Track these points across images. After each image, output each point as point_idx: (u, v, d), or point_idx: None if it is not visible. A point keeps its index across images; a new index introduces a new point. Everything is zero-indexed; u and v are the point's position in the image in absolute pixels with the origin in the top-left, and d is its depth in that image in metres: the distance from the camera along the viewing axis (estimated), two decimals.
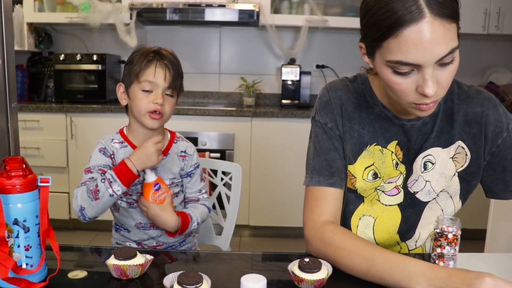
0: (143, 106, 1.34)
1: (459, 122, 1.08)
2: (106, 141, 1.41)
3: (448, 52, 0.85)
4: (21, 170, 0.87)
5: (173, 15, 3.39)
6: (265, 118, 3.22)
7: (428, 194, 1.10)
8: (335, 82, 1.16)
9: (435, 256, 0.88)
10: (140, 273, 0.93)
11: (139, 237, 1.43)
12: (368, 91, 1.12)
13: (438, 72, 0.88)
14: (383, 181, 1.11)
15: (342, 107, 1.11)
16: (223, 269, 1.03)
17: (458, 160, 1.09)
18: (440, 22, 0.83)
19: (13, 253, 0.87)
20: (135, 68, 1.34)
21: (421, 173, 1.09)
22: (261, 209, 3.27)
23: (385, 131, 1.10)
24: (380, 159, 1.10)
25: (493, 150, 1.08)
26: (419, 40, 0.83)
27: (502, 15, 3.42)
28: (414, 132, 1.09)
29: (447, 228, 0.87)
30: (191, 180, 1.48)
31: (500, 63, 3.84)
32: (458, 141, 1.09)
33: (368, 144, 1.10)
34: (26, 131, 3.19)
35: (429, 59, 0.85)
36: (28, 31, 3.50)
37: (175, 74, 1.37)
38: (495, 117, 1.07)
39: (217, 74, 3.88)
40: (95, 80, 3.42)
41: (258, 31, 3.78)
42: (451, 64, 0.89)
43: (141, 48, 1.40)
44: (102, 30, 3.55)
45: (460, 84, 1.12)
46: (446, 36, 0.84)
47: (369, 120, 1.10)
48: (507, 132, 1.07)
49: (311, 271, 0.89)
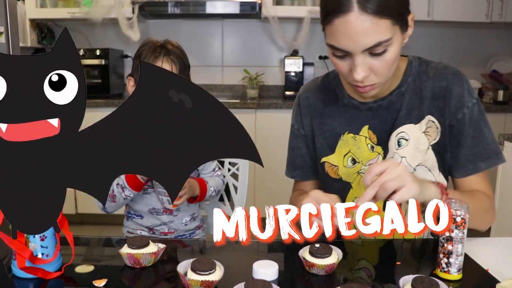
0: None
1: (427, 98, 1.13)
2: None
3: (374, 44, 0.94)
4: None
5: (174, 9, 3.39)
6: (268, 110, 3.22)
7: None
8: (307, 83, 1.30)
9: (444, 240, 0.89)
10: (153, 261, 0.95)
11: (151, 223, 1.48)
12: (338, 85, 1.22)
13: (370, 60, 0.98)
14: (363, 164, 1.18)
15: (310, 107, 1.24)
16: (235, 256, 1.04)
17: (430, 134, 1.13)
18: (366, 16, 0.92)
19: (29, 243, 0.89)
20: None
21: (395, 150, 1.14)
22: (266, 200, 3.26)
23: (355, 118, 1.18)
24: (355, 145, 1.18)
25: (452, 124, 1.12)
26: (345, 30, 0.94)
27: (506, 2, 3.41)
28: (383, 112, 1.16)
29: (455, 211, 0.87)
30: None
31: (504, 51, 3.84)
32: (428, 115, 1.13)
33: (341, 134, 1.20)
34: None
35: (355, 48, 0.95)
36: (30, 27, 3.50)
37: (181, 67, 1.42)
38: (458, 92, 1.11)
39: (220, 67, 3.89)
40: (98, 75, 3.43)
41: (260, 23, 3.77)
42: (385, 54, 0.97)
43: (148, 42, 1.45)
44: (105, 24, 3.55)
45: (429, 63, 1.17)
46: (372, 30, 0.93)
47: (339, 112, 1.20)
48: (467, 108, 1.10)
49: (321, 256, 0.90)
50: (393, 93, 1.15)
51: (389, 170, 0.90)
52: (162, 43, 1.44)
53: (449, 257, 0.89)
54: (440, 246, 0.90)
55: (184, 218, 1.51)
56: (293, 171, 1.32)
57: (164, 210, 1.48)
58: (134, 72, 1.44)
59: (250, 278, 0.87)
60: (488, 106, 3.30)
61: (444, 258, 0.89)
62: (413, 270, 0.94)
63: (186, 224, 1.52)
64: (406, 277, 0.84)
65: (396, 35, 0.97)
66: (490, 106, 3.32)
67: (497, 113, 3.28)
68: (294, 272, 0.93)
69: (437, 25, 3.68)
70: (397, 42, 0.98)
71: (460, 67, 1.10)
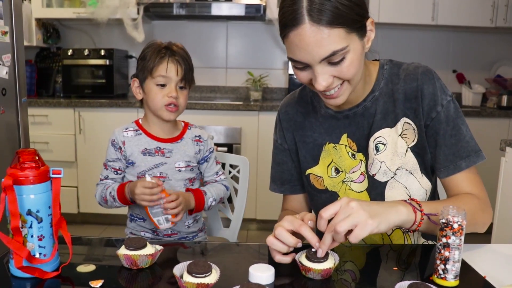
0: (159, 100, 1.42)
1: (400, 100, 1.12)
2: (118, 132, 1.49)
3: (329, 54, 0.94)
4: (34, 161, 0.89)
5: (180, 10, 3.40)
6: (272, 112, 3.22)
7: (385, 174, 1.13)
8: (286, 98, 1.31)
9: (441, 246, 0.89)
10: (150, 263, 0.95)
11: (153, 226, 1.47)
12: (314, 97, 1.22)
13: (330, 68, 0.98)
14: (346, 173, 1.18)
15: (290, 121, 1.26)
16: (232, 259, 1.04)
17: (407, 136, 1.12)
18: (318, 28, 0.92)
19: (27, 243, 0.89)
20: (148, 64, 1.42)
21: (374, 155, 1.13)
22: (268, 203, 3.29)
23: (333, 128, 1.19)
24: (337, 154, 1.18)
25: (428, 123, 1.11)
26: (299, 42, 0.95)
27: (511, 7, 3.40)
28: (359, 119, 1.16)
29: (452, 218, 0.87)
30: (208, 164, 1.55)
31: (508, 56, 3.82)
32: (403, 117, 1.12)
33: (322, 145, 1.20)
34: (35, 126, 3.22)
35: (311, 60, 0.96)
36: (36, 27, 3.53)
37: (186, 68, 1.44)
38: (430, 91, 1.09)
39: (224, 69, 3.89)
40: (103, 75, 3.45)
41: (264, 25, 3.78)
42: (343, 62, 0.97)
43: (153, 44, 1.47)
44: (110, 25, 3.57)
45: (400, 65, 1.16)
46: (326, 40, 0.93)
47: (318, 123, 1.21)
48: (441, 107, 1.09)
49: (318, 261, 0.90)
50: (367, 99, 1.15)
51: (340, 211, 0.89)
52: (166, 45, 1.46)
53: (446, 263, 0.89)
54: (437, 253, 0.90)
55: (187, 221, 1.52)
56: (282, 186, 1.31)
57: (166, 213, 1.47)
58: (139, 73, 1.46)
59: (246, 281, 0.87)
60: (492, 111, 3.29)
61: (441, 264, 0.89)
62: (410, 276, 0.94)
63: (189, 227, 1.53)
64: (402, 283, 0.84)
65: (353, 43, 0.97)
66: (494, 111, 3.30)
67: (501, 118, 3.27)
68: (291, 276, 0.93)
69: (441, 29, 3.67)
70: (355, 49, 0.98)
71: (464, 71, 1.10)
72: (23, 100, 2.17)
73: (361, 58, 1.02)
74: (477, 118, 3.22)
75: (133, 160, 1.46)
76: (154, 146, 1.47)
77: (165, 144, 1.48)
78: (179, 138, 1.51)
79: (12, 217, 0.86)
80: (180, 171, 1.48)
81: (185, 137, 1.52)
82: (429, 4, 3.37)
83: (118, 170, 1.48)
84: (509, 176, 2.07)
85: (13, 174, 0.87)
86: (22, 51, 2.15)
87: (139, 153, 1.46)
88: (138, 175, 1.46)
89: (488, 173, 1.21)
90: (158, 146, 1.47)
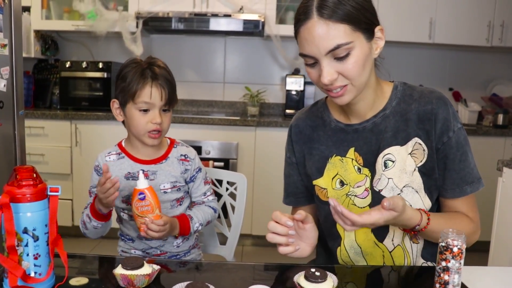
0: (142, 127, 1.35)
1: (413, 120, 1.15)
2: (101, 157, 1.44)
3: (334, 47, 1.01)
4: (31, 179, 0.89)
5: (178, 24, 3.42)
6: (269, 127, 3.23)
7: (392, 190, 1.15)
8: (298, 112, 1.36)
9: (440, 270, 0.89)
10: (147, 283, 0.94)
11: (142, 247, 1.45)
12: (325, 111, 1.28)
13: (336, 64, 1.04)
14: (351, 186, 1.20)
15: (300, 134, 1.30)
16: (229, 279, 1.03)
17: (416, 156, 1.15)
18: (324, 22, 1.01)
19: (22, 262, 0.88)
20: (129, 88, 1.33)
21: (382, 171, 1.15)
22: (264, 218, 3.26)
23: (341, 141, 1.22)
24: (342, 167, 1.21)
25: (438, 147, 1.14)
26: (308, 35, 1.03)
27: (506, 27, 3.44)
28: (367, 134, 1.19)
29: (452, 241, 0.87)
30: (195, 184, 1.48)
31: (504, 75, 3.85)
32: (415, 137, 1.15)
33: (329, 157, 1.23)
34: (31, 138, 3.21)
35: (318, 52, 1.03)
36: (35, 38, 3.53)
37: (170, 90, 1.36)
38: (444, 115, 1.13)
39: (221, 83, 3.90)
40: (100, 87, 3.44)
41: (263, 41, 3.80)
42: (349, 58, 1.03)
43: (132, 63, 1.37)
44: (108, 38, 3.58)
45: (414, 87, 1.20)
46: (331, 34, 1.01)
47: (327, 136, 1.24)
48: (453, 132, 1.13)
49: (316, 281, 0.89)
50: (378, 115, 1.18)
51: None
52: (147, 65, 1.36)
53: (446, 287, 0.88)
54: (437, 276, 0.90)
55: (175, 241, 1.46)
56: (287, 198, 1.37)
57: None
58: (119, 95, 1.37)
59: None
60: (487, 130, 3.30)
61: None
62: None
63: (179, 246, 1.47)
64: None
65: (359, 41, 1.04)
66: (490, 129, 3.32)
67: (497, 136, 3.28)
68: None
69: (438, 48, 3.70)
70: (361, 47, 1.04)
71: (461, 90, 1.13)
72: (20, 113, 2.16)
73: (367, 60, 1.07)
74: (473, 136, 3.23)
75: None
76: (138, 169, 1.39)
77: (149, 166, 1.41)
78: (163, 158, 1.43)
79: (8, 235, 0.85)
80: (166, 193, 1.41)
81: (170, 157, 1.44)
82: (426, 23, 3.40)
83: None
84: (506, 196, 2.07)
85: (10, 191, 0.87)
86: (20, 64, 2.14)
87: (122, 177, 1.39)
88: (122, 199, 1.40)
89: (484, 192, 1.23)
90: (142, 169, 1.38)
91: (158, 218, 1.28)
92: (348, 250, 1.22)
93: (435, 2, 3.40)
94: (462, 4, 3.41)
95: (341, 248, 1.23)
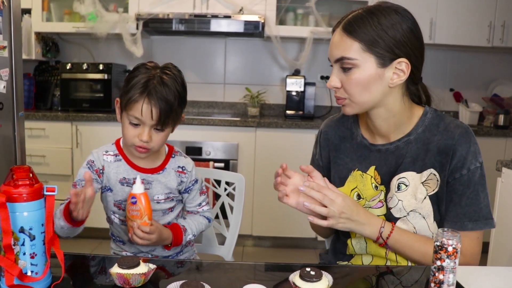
0: (129, 138, 1.29)
1: (432, 151, 1.17)
2: (98, 154, 1.39)
3: (339, 58, 1.11)
4: (28, 179, 0.89)
5: (179, 26, 3.43)
6: (269, 128, 3.23)
7: (400, 211, 1.18)
8: (328, 119, 1.41)
9: (435, 269, 0.89)
10: (143, 282, 0.94)
11: (133, 250, 1.43)
12: (354, 124, 1.32)
13: (342, 74, 1.13)
14: (366, 200, 1.24)
15: (328, 141, 1.35)
16: (225, 278, 1.04)
17: (429, 185, 1.17)
18: (342, 34, 1.11)
19: (19, 261, 0.89)
20: (126, 96, 1.26)
21: (395, 192, 1.19)
22: (264, 219, 3.28)
23: (365, 158, 1.27)
24: (361, 182, 1.25)
25: (449, 181, 1.15)
26: (331, 42, 1.16)
27: (507, 28, 3.44)
28: (389, 155, 1.22)
29: (447, 241, 0.87)
30: (190, 196, 1.46)
31: (505, 75, 3.85)
32: (431, 168, 1.17)
33: (352, 170, 1.28)
34: (32, 139, 3.22)
35: (330, 57, 1.16)
36: (35, 40, 3.54)
37: (165, 110, 1.25)
38: (462, 153, 1.13)
39: (222, 84, 3.91)
40: (101, 89, 3.45)
41: (263, 42, 3.81)
42: (351, 73, 1.11)
43: (143, 67, 1.31)
44: (109, 40, 3.59)
45: (442, 118, 1.21)
46: (341, 45, 1.11)
47: (353, 149, 1.30)
48: (467, 170, 1.13)
49: (311, 280, 0.89)
50: (401, 140, 1.21)
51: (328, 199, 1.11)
52: (152, 76, 1.26)
53: (440, 286, 0.88)
54: (432, 276, 0.90)
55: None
56: None
57: None
58: (121, 97, 1.32)
59: None
60: (488, 130, 3.30)
61: (435, 287, 0.89)
62: None
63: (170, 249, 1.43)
64: None
65: (366, 62, 1.10)
66: (491, 130, 3.31)
67: (498, 137, 3.28)
68: None
69: (439, 48, 3.70)
70: (367, 68, 1.10)
71: (461, 90, 1.13)
72: (20, 114, 2.17)
73: (372, 83, 1.11)
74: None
75: (111, 187, 1.37)
76: (134, 176, 1.34)
77: (145, 175, 1.36)
78: (160, 169, 1.39)
79: (5, 234, 0.86)
80: (159, 203, 1.39)
81: (167, 168, 1.40)
82: (427, 23, 3.40)
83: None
84: (505, 197, 2.07)
85: (7, 191, 0.87)
86: (20, 66, 2.15)
87: (116, 181, 1.36)
88: (115, 202, 1.38)
89: None
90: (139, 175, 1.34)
91: (146, 225, 1.26)
92: (354, 245, 1.26)
93: (435, 3, 3.41)
94: (462, 4, 3.42)
95: (349, 242, 1.27)
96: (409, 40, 1.11)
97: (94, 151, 1.40)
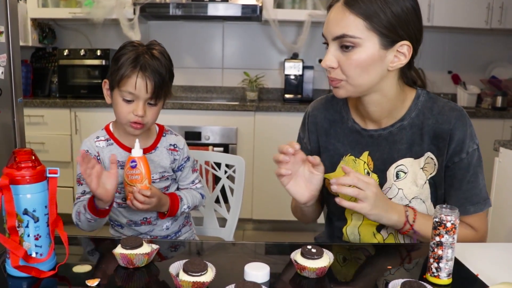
0: (124, 116, 1.30)
1: (428, 136, 1.15)
2: (90, 142, 1.39)
3: (340, 35, 1.04)
4: (30, 161, 0.90)
5: (176, 10, 3.40)
6: (268, 112, 3.23)
7: (401, 200, 1.17)
8: (316, 101, 1.35)
9: (434, 245, 0.90)
10: (146, 261, 0.95)
11: (132, 233, 1.44)
12: (344, 107, 1.27)
13: (340, 53, 1.06)
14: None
15: (317, 125, 1.30)
16: (227, 258, 1.05)
17: (427, 169, 1.16)
18: (344, 9, 1.04)
19: (23, 242, 0.90)
20: (118, 73, 1.28)
21: (393, 181, 1.17)
22: (264, 202, 3.29)
23: (357, 143, 1.23)
24: (354, 167, 1.21)
25: (448, 165, 1.14)
26: (328, 16, 1.08)
27: (505, 9, 3.42)
28: (382, 141, 1.19)
29: (445, 217, 0.88)
30: (183, 173, 1.47)
31: (503, 57, 3.84)
32: (428, 152, 1.16)
33: (343, 155, 1.24)
34: (30, 126, 3.22)
35: (327, 35, 1.07)
36: (32, 27, 3.51)
37: (159, 83, 1.29)
38: (459, 137, 1.12)
39: (220, 69, 3.90)
40: (98, 75, 3.45)
41: (261, 25, 3.79)
42: (352, 52, 1.04)
43: (129, 45, 1.32)
44: (106, 25, 3.56)
45: (436, 100, 1.18)
46: (343, 21, 1.04)
47: (344, 134, 1.25)
48: (466, 154, 1.13)
49: (312, 258, 0.91)
50: (395, 125, 1.18)
51: (361, 184, 1.05)
52: (143, 51, 1.29)
53: (439, 261, 0.90)
54: (431, 251, 0.91)
55: (164, 224, 1.45)
56: None
57: (142, 221, 1.41)
58: (109, 76, 1.33)
59: (242, 279, 0.87)
60: (486, 112, 3.30)
61: (434, 262, 0.90)
62: (404, 274, 0.95)
63: (168, 228, 1.46)
64: (396, 281, 0.85)
65: (370, 42, 1.03)
66: (489, 112, 3.32)
67: (495, 119, 3.29)
68: (286, 275, 0.94)
69: (437, 30, 3.69)
70: (369, 48, 1.04)
71: (460, 72, 1.12)
72: (19, 101, 2.17)
73: (373, 65, 1.06)
74: (472, 118, 3.16)
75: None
76: (126, 158, 1.31)
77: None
78: (152, 148, 1.40)
79: (9, 216, 0.87)
80: (154, 183, 1.38)
81: (159, 146, 1.41)
82: (425, 5, 3.39)
83: None
84: (502, 176, 2.09)
85: (10, 173, 0.88)
86: (18, 51, 2.15)
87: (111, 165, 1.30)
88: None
89: None
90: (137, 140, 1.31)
91: (146, 189, 1.26)
92: (349, 235, 1.25)
93: None
94: None
95: (344, 230, 1.25)
96: (412, 20, 1.07)
97: (85, 140, 1.40)
